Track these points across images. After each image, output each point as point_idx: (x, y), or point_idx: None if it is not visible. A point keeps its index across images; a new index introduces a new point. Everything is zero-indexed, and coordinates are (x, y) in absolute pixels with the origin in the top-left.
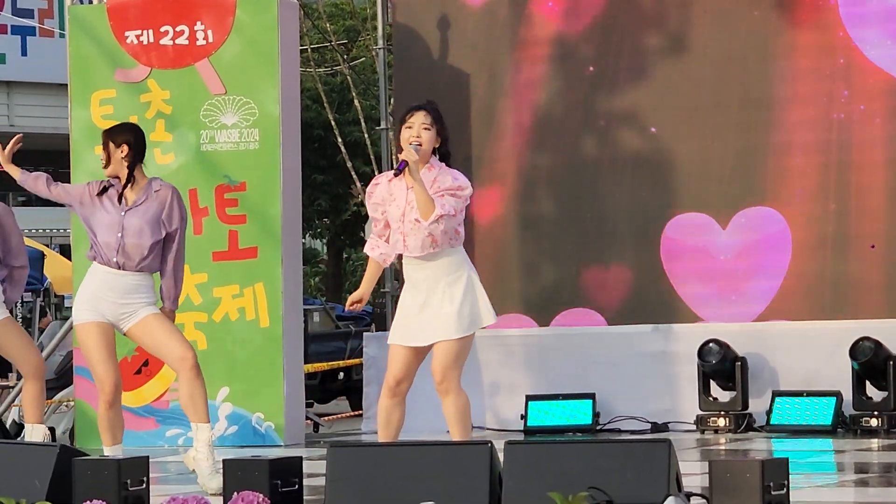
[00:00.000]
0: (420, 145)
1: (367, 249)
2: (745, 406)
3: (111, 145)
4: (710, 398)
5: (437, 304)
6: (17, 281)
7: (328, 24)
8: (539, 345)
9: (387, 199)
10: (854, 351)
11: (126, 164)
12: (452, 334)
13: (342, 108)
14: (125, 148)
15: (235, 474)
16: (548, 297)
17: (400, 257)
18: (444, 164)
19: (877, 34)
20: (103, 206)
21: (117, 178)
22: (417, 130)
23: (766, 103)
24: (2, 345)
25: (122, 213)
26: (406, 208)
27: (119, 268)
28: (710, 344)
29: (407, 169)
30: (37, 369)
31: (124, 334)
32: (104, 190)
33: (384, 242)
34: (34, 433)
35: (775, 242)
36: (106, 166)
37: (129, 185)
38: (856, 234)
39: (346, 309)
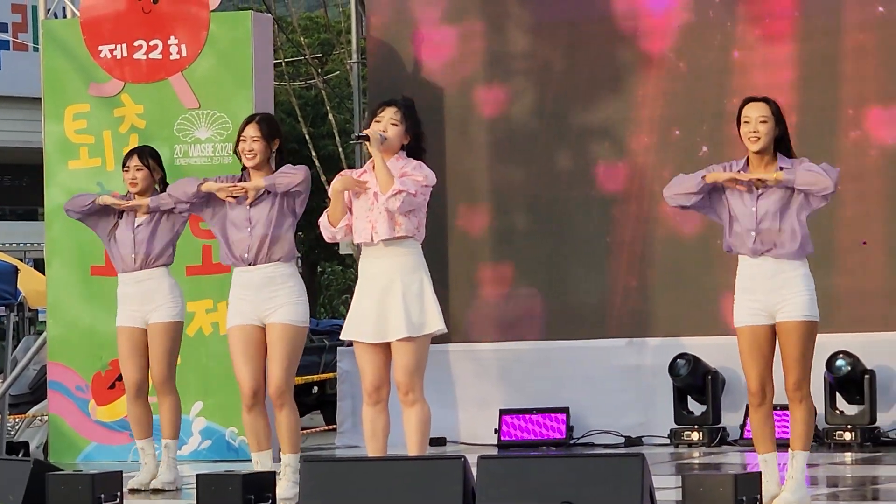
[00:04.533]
0: (385, 138)
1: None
2: (718, 420)
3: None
4: (686, 412)
5: (391, 302)
6: None
7: (302, 38)
8: (513, 359)
9: (355, 191)
10: (831, 364)
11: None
12: (405, 333)
13: (316, 121)
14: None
15: (209, 489)
16: (521, 313)
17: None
18: (412, 159)
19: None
20: (231, 204)
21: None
22: (385, 125)
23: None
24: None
25: (249, 207)
26: (374, 198)
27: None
28: (680, 358)
29: (367, 144)
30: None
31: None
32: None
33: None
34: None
35: None
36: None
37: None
38: (837, 248)
39: None
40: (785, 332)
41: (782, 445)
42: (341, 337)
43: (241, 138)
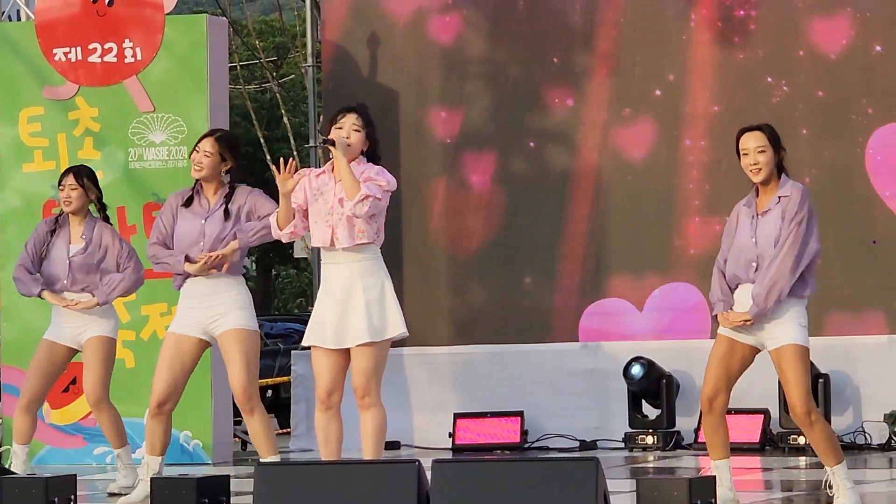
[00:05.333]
0: (349, 144)
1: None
2: (672, 424)
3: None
4: (640, 416)
5: (353, 307)
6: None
7: (257, 41)
8: (467, 362)
9: (312, 193)
10: None
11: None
12: (366, 338)
13: (271, 124)
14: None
15: (163, 493)
16: (476, 316)
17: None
18: (371, 164)
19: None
20: (184, 216)
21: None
22: (348, 131)
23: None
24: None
25: (203, 221)
26: (335, 202)
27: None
28: (634, 362)
29: (332, 149)
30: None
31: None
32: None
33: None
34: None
35: None
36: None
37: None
38: None
39: None
40: (777, 357)
41: (735, 450)
42: (303, 343)
43: (196, 149)
